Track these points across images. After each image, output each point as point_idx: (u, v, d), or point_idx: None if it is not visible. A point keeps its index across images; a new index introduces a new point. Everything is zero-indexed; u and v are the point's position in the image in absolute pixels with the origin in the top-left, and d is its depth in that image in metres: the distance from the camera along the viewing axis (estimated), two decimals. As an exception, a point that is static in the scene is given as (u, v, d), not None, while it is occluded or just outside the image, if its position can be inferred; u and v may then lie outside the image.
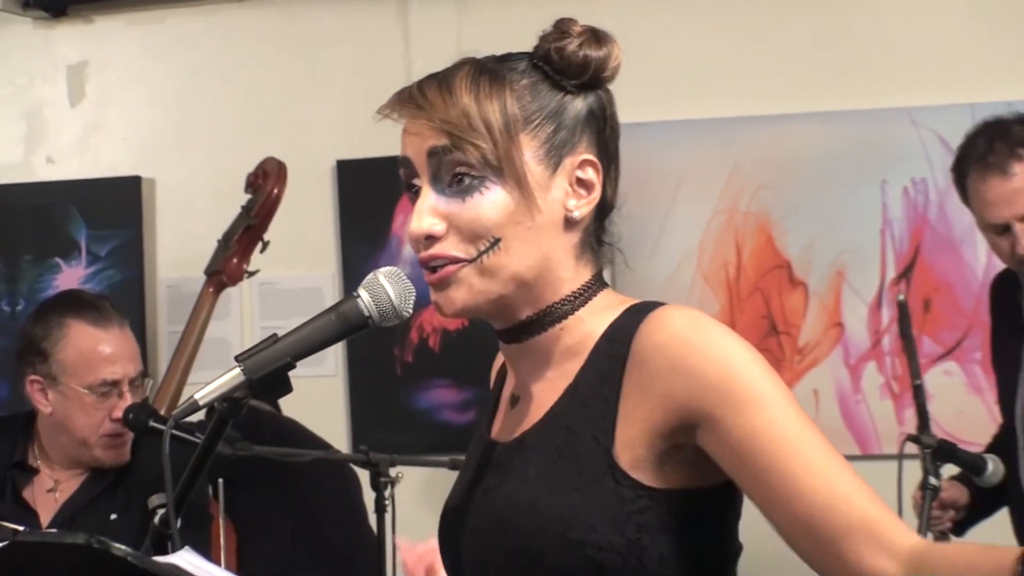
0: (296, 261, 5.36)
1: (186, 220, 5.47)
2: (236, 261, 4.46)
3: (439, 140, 1.91)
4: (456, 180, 1.91)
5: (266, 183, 4.51)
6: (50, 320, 3.63)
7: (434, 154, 1.91)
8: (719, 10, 5.06)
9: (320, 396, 5.18)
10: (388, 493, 3.83)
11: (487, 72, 1.95)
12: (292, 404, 2.01)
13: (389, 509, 3.82)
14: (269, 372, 1.93)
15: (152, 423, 3.51)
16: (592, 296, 1.98)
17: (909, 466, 3.68)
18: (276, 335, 1.96)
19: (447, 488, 4.41)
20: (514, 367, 2.06)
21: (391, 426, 5.23)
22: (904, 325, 3.71)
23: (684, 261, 5.01)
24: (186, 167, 5.51)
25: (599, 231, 2.00)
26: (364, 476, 3.87)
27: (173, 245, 5.51)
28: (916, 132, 4.88)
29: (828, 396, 4.91)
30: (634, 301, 1.97)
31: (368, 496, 3.82)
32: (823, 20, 4.98)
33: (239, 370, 1.93)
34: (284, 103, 5.43)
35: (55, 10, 5.60)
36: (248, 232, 4.48)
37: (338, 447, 4.26)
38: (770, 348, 4.94)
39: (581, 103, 1.97)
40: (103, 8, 5.60)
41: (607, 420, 1.87)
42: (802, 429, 1.81)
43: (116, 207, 5.48)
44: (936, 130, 4.86)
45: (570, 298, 1.97)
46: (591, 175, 1.95)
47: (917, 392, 3.66)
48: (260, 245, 4.49)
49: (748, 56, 5.03)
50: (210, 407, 1.95)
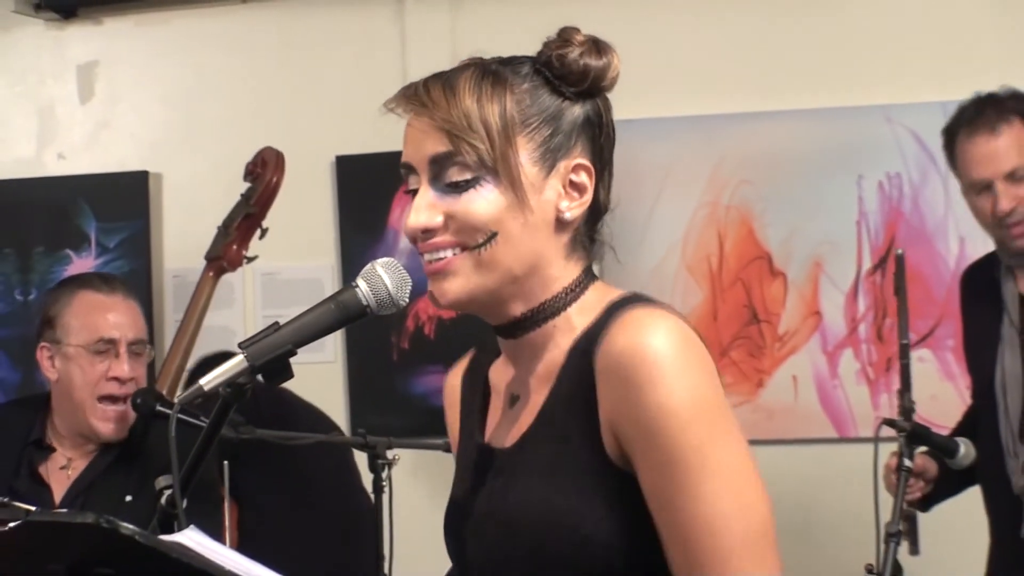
0: (297, 252, 5.36)
1: (191, 213, 5.47)
2: (236, 247, 4.46)
3: (441, 146, 1.91)
4: (455, 179, 1.91)
5: (265, 172, 4.50)
6: (61, 291, 3.70)
7: (435, 161, 1.92)
8: (704, 13, 5.06)
9: (320, 382, 5.17)
10: (385, 474, 3.83)
11: (490, 74, 1.95)
12: (293, 389, 2.01)
13: (386, 489, 3.82)
14: (271, 359, 1.93)
15: (159, 407, 3.51)
16: (582, 292, 1.98)
17: (885, 449, 3.69)
18: (278, 323, 1.96)
19: (442, 469, 4.41)
20: (514, 364, 2.05)
21: (388, 410, 5.23)
22: (899, 281, 3.72)
23: (669, 252, 5.01)
24: (192, 162, 5.51)
25: (591, 231, 2.01)
26: (362, 458, 3.87)
27: (179, 237, 5.50)
28: (891, 129, 4.88)
29: (806, 382, 4.91)
30: (616, 296, 1.96)
31: (366, 477, 3.82)
32: (802, 23, 4.98)
33: (242, 357, 1.92)
34: (286, 101, 5.42)
35: (66, 12, 5.59)
36: (247, 219, 4.47)
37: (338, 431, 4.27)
38: (751, 336, 4.94)
39: (579, 109, 1.97)
40: (112, 10, 5.60)
41: (592, 423, 1.87)
42: (722, 492, 1.81)
43: (124, 201, 5.48)
44: (910, 127, 4.86)
45: (561, 295, 1.97)
46: (584, 179, 1.95)
47: (903, 351, 3.67)
48: (259, 232, 4.49)
49: (731, 57, 5.03)
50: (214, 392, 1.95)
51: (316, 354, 4.78)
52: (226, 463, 3.56)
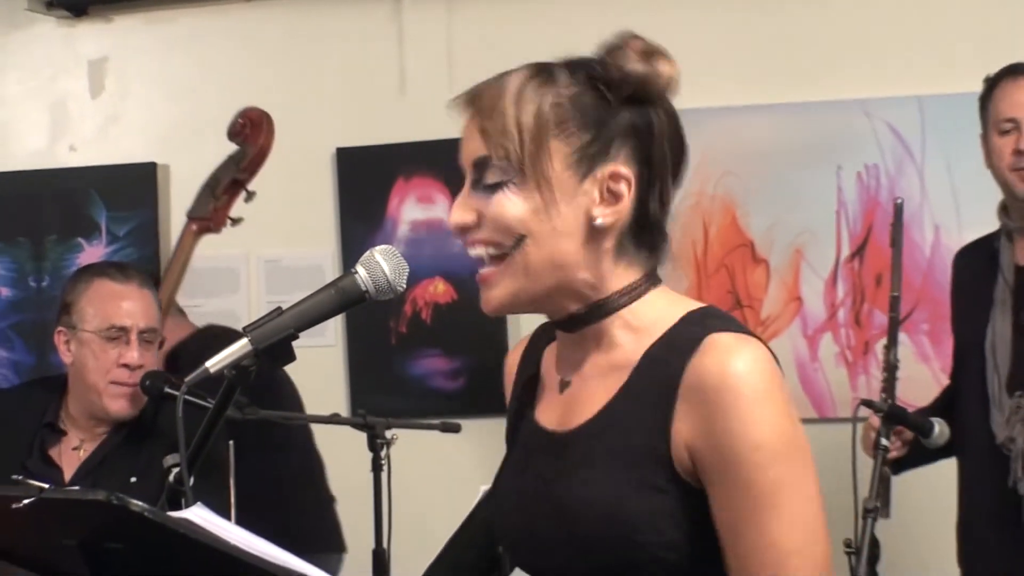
0: (299, 240, 5.36)
1: (198, 203, 5.47)
2: (222, 210, 4.32)
3: (481, 150, 1.88)
4: (488, 179, 1.89)
5: (254, 135, 4.35)
6: (79, 279, 3.70)
7: (477, 164, 1.89)
8: (691, 13, 5.06)
9: (321, 364, 5.18)
10: (384, 453, 3.83)
11: (539, 75, 1.90)
12: (295, 372, 2.01)
13: (385, 468, 3.82)
14: (274, 342, 1.93)
15: (167, 389, 3.51)
16: (642, 294, 1.95)
17: (862, 428, 3.70)
18: (280, 308, 1.96)
19: (439, 448, 4.41)
20: (568, 353, 2.02)
21: (387, 392, 5.22)
22: (896, 232, 3.76)
23: (656, 240, 5.00)
24: (198, 154, 5.48)
25: (640, 238, 1.95)
26: (362, 437, 3.87)
27: (185, 226, 5.50)
28: (868, 122, 4.88)
29: (788, 364, 4.90)
30: (691, 306, 1.94)
31: (365, 456, 3.82)
32: (784, 21, 4.97)
33: (247, 340, 1.92)
34: (288, 95, 5.41)
35: (77, 9, 5.58)
36: (235, 184, 4.34)
37: (338, 412, 4.26)
38: (734, 320, 4.94)
39: (625, 117, 1.90)
40: (121, 8, 5.59)
41: (663, 431, 1.84)
42: (792, 528, 1.80)
43: (133, 191, 5.48)
44: (887, 120, 4.86)
45: (615, 296, 1.93)
46: (622, 187, 1.89)
47: (893, 304, 3.72)
48: (245, 194, 4.35)
49: (716, 53, 5.02)
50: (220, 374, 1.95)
51: (317, 338, 4.80)
52: (231, 443, 3.55)
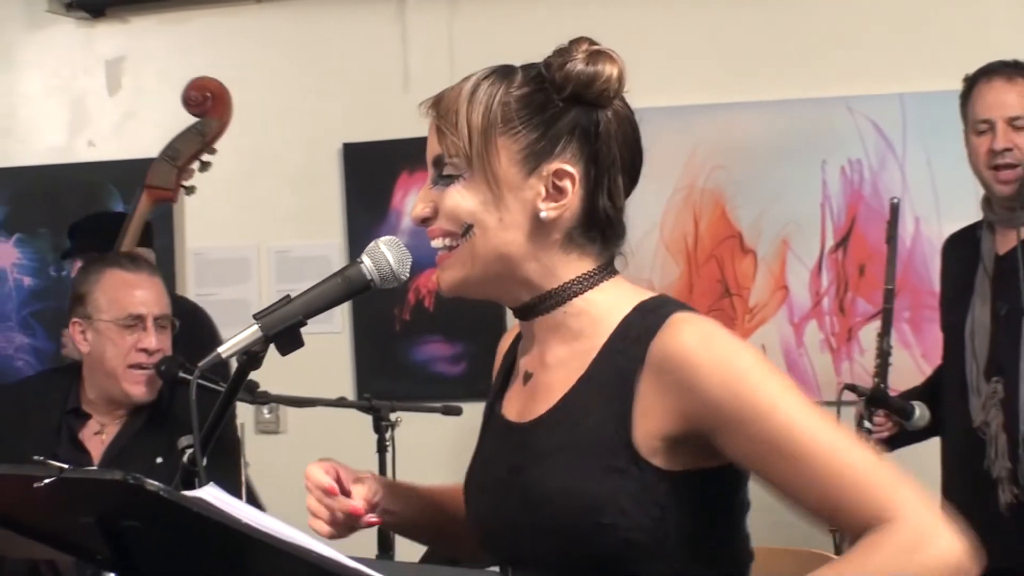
0: (307, 232, 5.37)
1: (210, 196, 5.45)
2: (180, 179, 4.31)
3: (438, 147, 1.92)
4: (444, 173, 1.92)
5: (218, 107, 4.33)
6: (91, 271, 3.68)
7: (436, 161, 1.93)
8: (679, 12, 5.05)
9: (328, 350, 5.18)
10: (388, 435, 3.84)
11: (493, 76, 1.93)
12: (302, 357, 2.00)
13: (389, 449, 3.83)
14: (283, 329, 1.92)
15: (181, 374, 3.51)
16: (596, 283, 1.95)
17: (846, 411, 3.70)
18: (289, 296, 1.95)
19: (441, 430, 4.41)
20: (530, 346, 2.03)
21: (391, 376, 5.23)
22: (892, 229, 3.82)
23: (649, 232, 5.00)
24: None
25: (590, 230, 1.95)
26: (368, 420, 3.87)
27: (199, 218, 5.50)
28: (852, 118, 4.87)
29: (774, 350, 4.91)
30: (645, 296, 1.94)
31: (371, 438, 3.83)
32: (770, 21, 4.97)
33: (257, 327, 1.92)
34: (296, 92, 5.41)
35: (95, 11, 5.59)
36: (197, 155, 4.31)
37: (345, 395, 4.26)
38: (724, 308, 4.94)
39: (570, 117, 1.92)
40: (138, 9, 5.59)
41: (624, 415, 1.84)
42: (808, 418, 1.77)
43: (149, 184, 5.47)
44: (869, 116, 4.86)
45: (568, 284, 1.94)
46: (566, 184, 1.90)
47: (888, 296, 3.75)
48: (199, 164, 4.34)
49: (705, 52, 5.02)
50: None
51: (325, 325, 4.79)
52: (243, 424, 3.55)
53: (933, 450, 3.87)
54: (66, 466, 1.66)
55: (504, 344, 2.20)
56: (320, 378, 4.43)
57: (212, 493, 1.61)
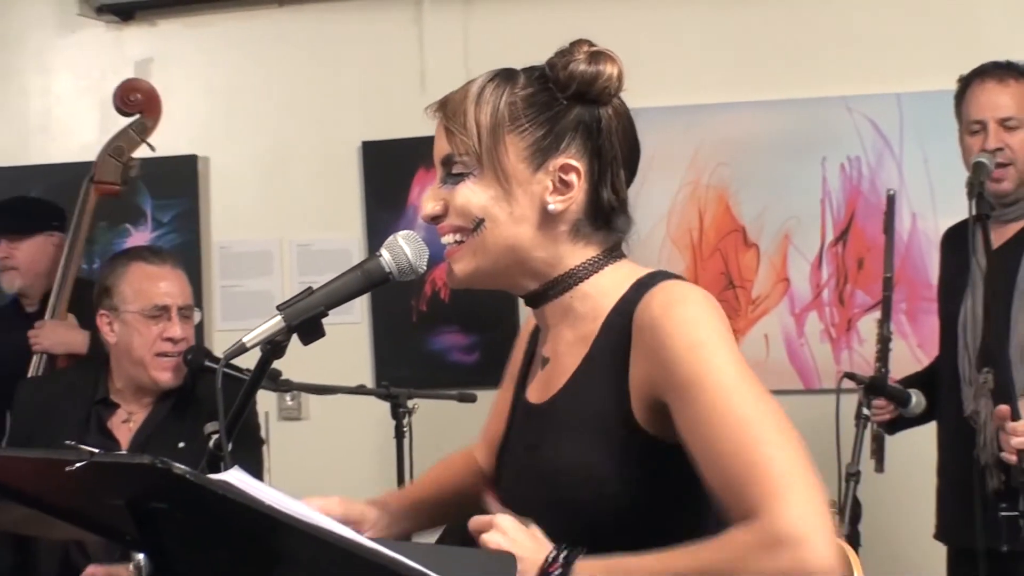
0: (328, 226, 5.36)
1: (235, 192, 5.47)
2: (126, 175, 4.53)
3: (447, 147, 1.95)
4: (453, 171, 1.94)
5: (151, 106, 4.54)
6: (116, 264, 3.68)
7: (444, 161, 1.96)
8: (686, 16, 5.05)
9: (348, 340, 5.19)
10: (406, 421, 3.84)
11: (498, 78, 1.95)
12: (323, 347, 2.00)
13: (407, 434, 3.83)
14: (305, 319, 1.92)
15: (207, 362, 3.51)
16: (600, 267, 1.97)
17: (845, 399, 3.69)
18: (311, 288, 1.96)
19: (456, 416, 4.42)
20: (546, 333, 2.06)
21: (408, 365, 5.22)
22: (889, 220, 3.81)
23: (655, 226, 4.99)
24: (235, 147, 5.51)
25: (596, 219, 1.97)
26: (386, 407, 3.87)
27: (224, 213, 5.50)
28: (850, 117, 4.87)
29: (776, 340, 4.91)
30: (643, 273, 1.95)
31: (389, 424, 3.83)
32: (772, 23, 4.96)
33: (280, 317, 1.92)
34: (317, 92, 5.41)
35: (124, 15, 5.60)
36: (135, 150, 4.53)
37: (364, 383, 4.26)
38: (727, 300, 4.93)
39: (574, 114, 1.94)
40: (165, 13, 5.59)
41: (621, 387, 1.85)
42: (740, 396, 1.73)
43: (176, 181, 5.48)
44: (867, 115, 4.85)
45: (574, 271, 1.96)
46: (572, 178, 1.93)
47: (886, 284, 3.76)
48: (137, 162, 4.56)
49: (709, 54, 5.02)
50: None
51: (345, 315, 4.80)
52: (266, 411, 3.56)
53: (931, 435, 3.87)
54: (96, 451, 1.66)
55: (524, 333, 2.23)
56: (340, 367, 4.43)
57: (237, 476, 1.61)
